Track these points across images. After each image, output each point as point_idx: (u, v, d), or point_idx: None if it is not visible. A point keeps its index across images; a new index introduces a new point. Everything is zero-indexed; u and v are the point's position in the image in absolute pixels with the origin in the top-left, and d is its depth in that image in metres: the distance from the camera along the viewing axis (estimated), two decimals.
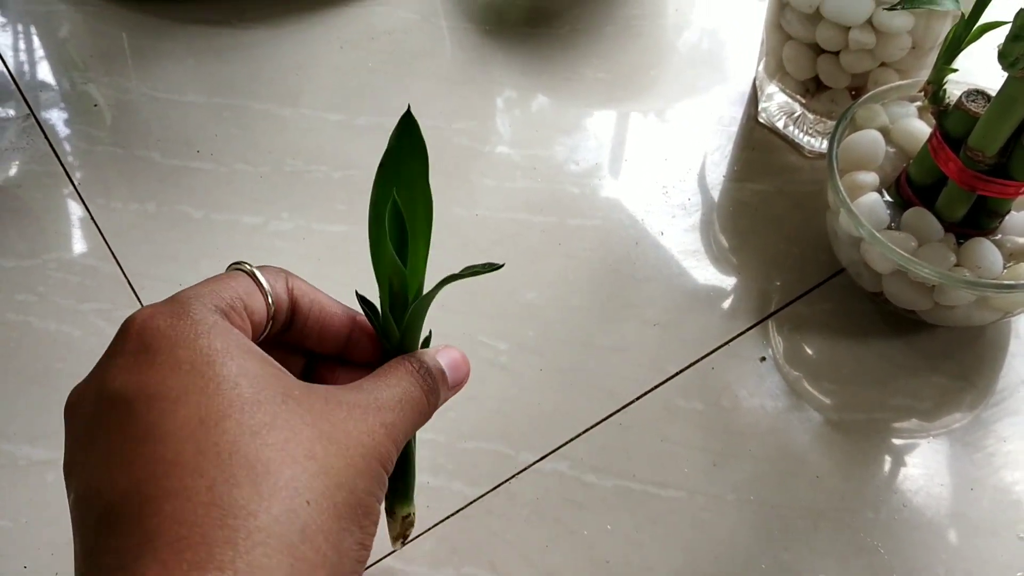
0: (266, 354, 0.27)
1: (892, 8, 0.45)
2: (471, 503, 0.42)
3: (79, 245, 0.52)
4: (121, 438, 0.24)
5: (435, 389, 0.30)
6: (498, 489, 0.43)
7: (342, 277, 0.32)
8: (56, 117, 0.58)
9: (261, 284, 0.29)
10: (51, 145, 0.56)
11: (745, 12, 0.64)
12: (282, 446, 0.24)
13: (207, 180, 0.55)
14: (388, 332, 0.31)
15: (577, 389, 0.46)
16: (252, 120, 0.58)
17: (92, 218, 0.53)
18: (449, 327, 0.47)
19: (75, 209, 0.53)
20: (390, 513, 0.34)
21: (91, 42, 0.63)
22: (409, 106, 0.30)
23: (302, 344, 0.32)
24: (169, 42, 0.62)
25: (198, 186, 0.54)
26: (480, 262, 0.30)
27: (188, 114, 0.58)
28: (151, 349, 0.25)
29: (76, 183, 0.54)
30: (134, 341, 0.26)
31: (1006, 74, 0.39)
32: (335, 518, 0.25)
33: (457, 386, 0.32)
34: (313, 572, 0.23)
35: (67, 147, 0.56)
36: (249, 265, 0.29)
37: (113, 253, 0.51)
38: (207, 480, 0.23)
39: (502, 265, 0.30)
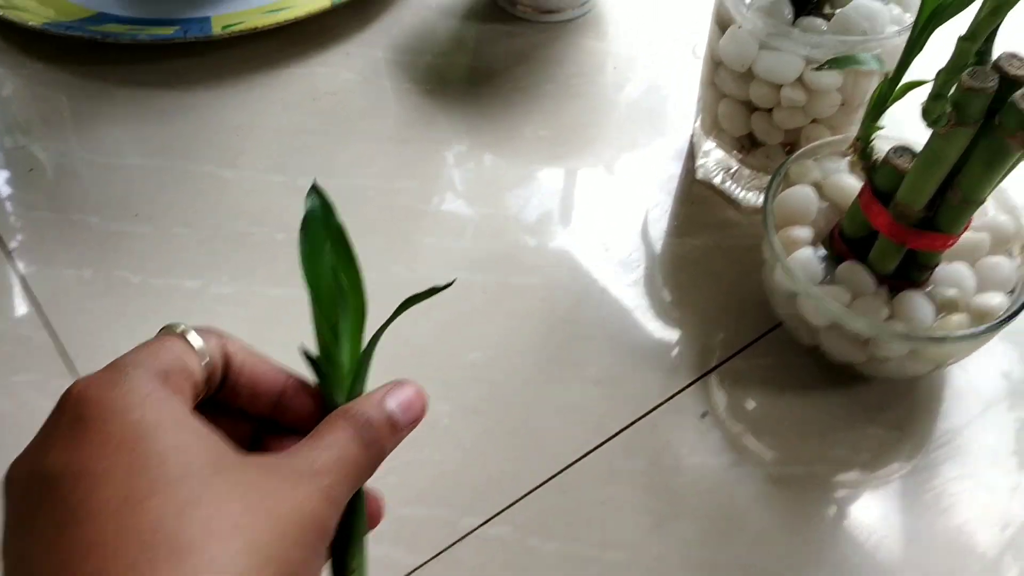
0: (201, 422, 0.27)
1: (819, 68, 0.46)
2: (412, 572, 0.42)
3: (12, 313, 0.51)
4: (47, 519, 0.24)
5: (376, 440, 0.29)
6: (440, 556, 0.42)
7: (285, 339, 0.32)
8: None
9: (193, 346, 0.29)
10: None
11: (681, 71, 0.65)
12: (206, 523, 0.24)
13: (145, 244, 0.54)
14: (336, 381, 0.31)
15: (520, 451, 0.46)
16: (192, 182, 0.57)
17: (26, 285, 0.52)
18: None
19: (8, 276, 0.52)
20: None
21: (30, 106, 0.62)
22: (315, 180, 0.30)
23: (233, 403, 0.31)
24: (108, 105, 0.62)
25: (136, 250, 0.54)
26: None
27: (127, 177, 0.58)
28: (83, 422, 0.25)
29: (10, 249, 0.54)
30: (68, 414, 0.25)
31: (930, 131, 0.40)
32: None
33: (412, 424, 0.31)
34: None
35: (1, 212, 0.56)
36: (183, 325, 0.29)
37: (48, 321, 0.50)
38: (127, 560, 0.23)
39: (451, 283, 0.30)
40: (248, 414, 0.32)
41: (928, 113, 0.39)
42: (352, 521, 0.31)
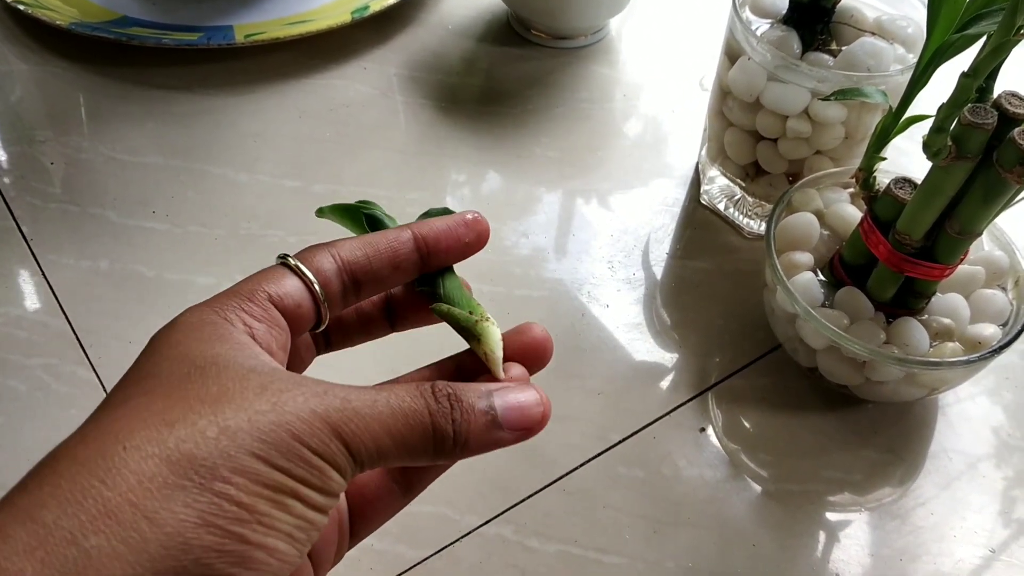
0: (241, 341, 0.27)
1: (826, 99, 0.48)
2: (414, 566, 0.43)
3: (29, 301, 0.52)
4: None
5: (452, 415, 0.27)
6: (441, 553, 0.43)
7: None
8: (10, 173, 0.59)
9: (296, 271, 0.29)
10: (5, 200, 0.57)
11: (689, 100, 0.67)
12: (137, 409, 0.24)
13: (161, 240, 0.55)
14: None
15: (522, 455, 0.47)
16: (209, 183, 0.59)
17: (43, 274, 0.53)
18: None
19: (26, 265, 0.53)
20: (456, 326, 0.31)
21: (54, 102, 0.63)
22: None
23: (393, 283, 0.32)
24: (128, 105, 0.63)
25: (152, 246, 0.55)
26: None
27: (145, 175, 0.59)
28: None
29: (28, 239, 0.55)
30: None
31: (930, 163, 0.41)
32: (167, 476, 0.23)
33: (518, 429, 0.29)
34: (114, 511, 0.22)
35: (20, 203, 0.57)
36: (291, 258, 0.30)
37: (63, 310, 0.51)
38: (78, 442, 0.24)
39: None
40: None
41: (929, 146, 0.41)
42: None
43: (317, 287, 0.29)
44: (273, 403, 0.24)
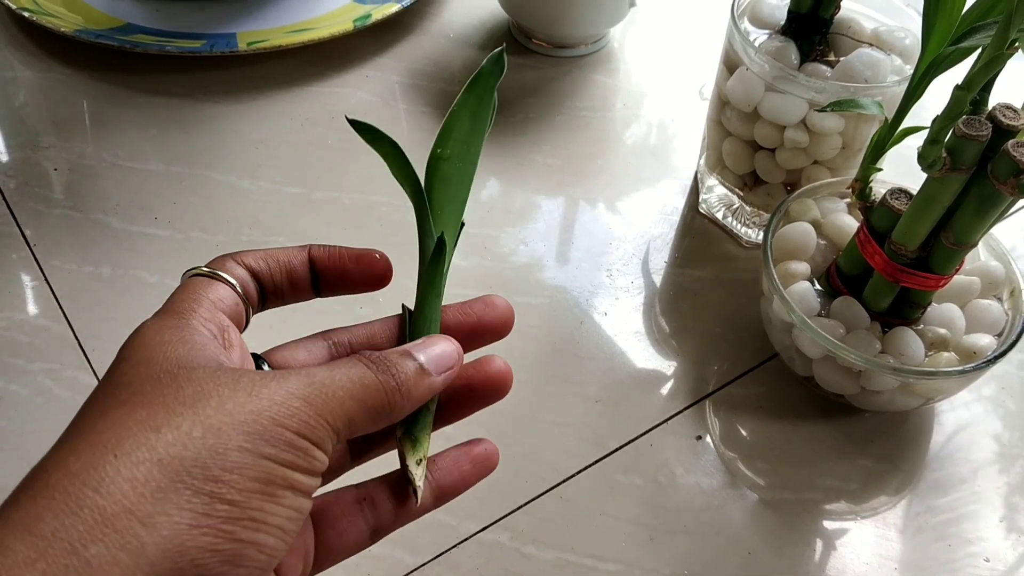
0: (203, 342, 0.28)
1: (822, 110, 0.48)
2: (412, 572, 0.43)
3: (31, 306, 0.52)
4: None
5: (393, 372, 0.28)
6: (439, 558, 0.43)
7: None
8: (13, 179, 0.59)
9: (218, 278, 0.31)
10: (8, 206, 0.57)
11: (688, 109, 0.68)
12: (119, 421, 0.24)
13: (163, 246, 0.56)
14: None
15: (520, 462, 0.47)
16: (211, 190, 0.59)
17: (46, 280, 0.53)
18: None
19: (29, 270, 0.54)
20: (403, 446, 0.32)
21: (58, 109, 0.64)
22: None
23: (293, 296, 0.33)
24: (132, 111, 0.64)
25: (154, 252, 0.55)
26: None
27: (147, 181, 0.59)
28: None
29: (31, 244, 0.55)
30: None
31: (925, 174, 0.42)
32: (160, 480, 0.23)
33: (444, 372, 0.30)
34: (110, 519, 0.22)
35: (23, 208, 0.57)
36: (204, 268, 0.31)
37: (65, 315, 0.52)
38: (67, 451, 0.24)
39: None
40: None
41: (924, 157, 0.41)
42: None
43: (239, 291, 0.31)
44: (249, 394, 0.25)
